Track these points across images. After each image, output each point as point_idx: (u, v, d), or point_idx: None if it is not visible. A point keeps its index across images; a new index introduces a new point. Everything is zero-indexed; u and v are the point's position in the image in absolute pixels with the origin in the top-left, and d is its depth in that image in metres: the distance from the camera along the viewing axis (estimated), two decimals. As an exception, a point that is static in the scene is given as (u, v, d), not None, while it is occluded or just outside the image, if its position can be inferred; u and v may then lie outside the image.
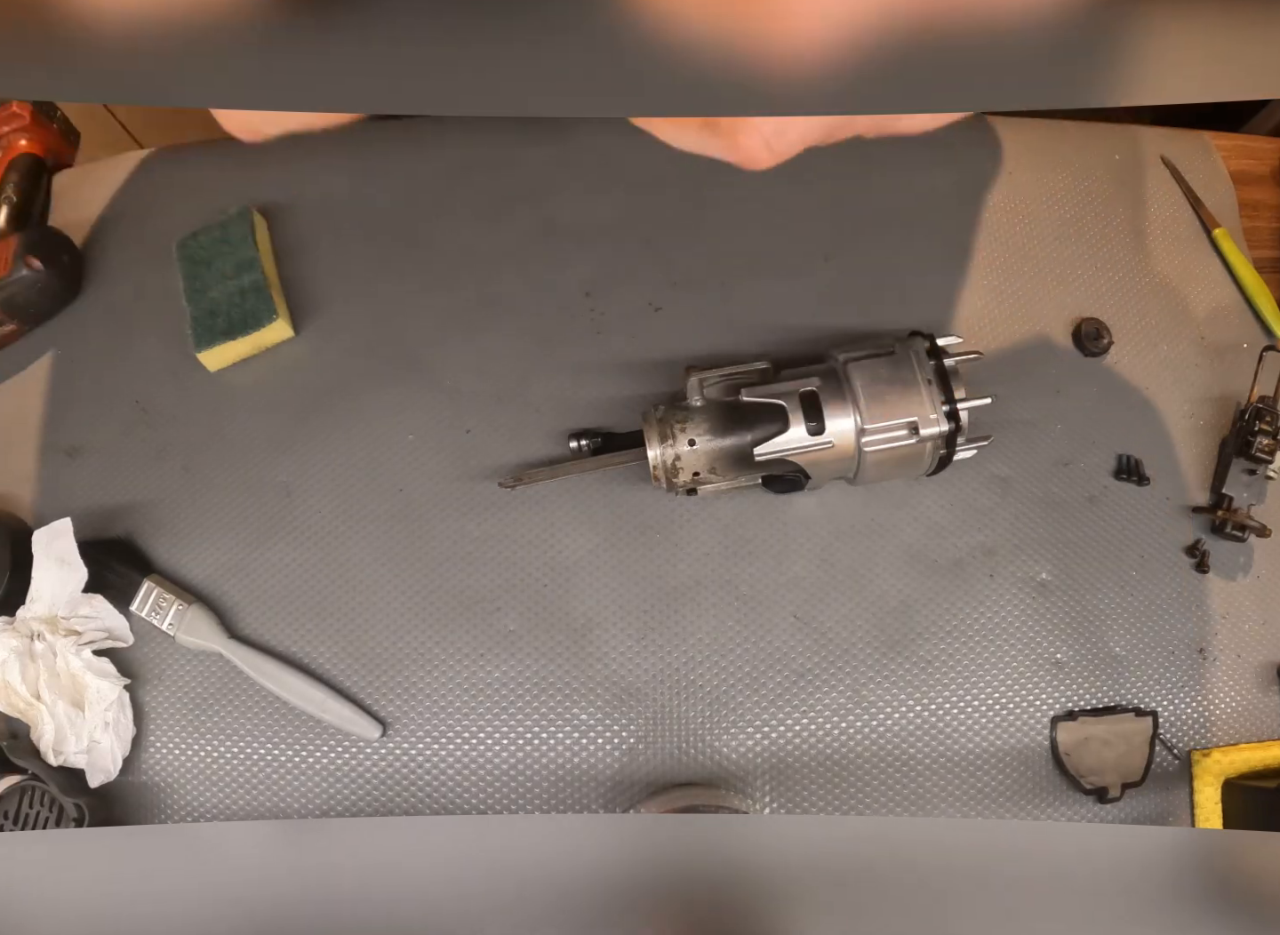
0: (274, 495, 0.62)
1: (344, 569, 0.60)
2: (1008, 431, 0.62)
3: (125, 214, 0.71)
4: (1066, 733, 0.56)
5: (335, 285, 0.67)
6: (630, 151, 0.71)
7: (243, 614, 0.59)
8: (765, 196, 0.69)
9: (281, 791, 0.56)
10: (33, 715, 0.55)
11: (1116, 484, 0.62)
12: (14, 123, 0.71)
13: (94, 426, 0.64)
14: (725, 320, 0.65)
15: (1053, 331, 0.66)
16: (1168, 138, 0.74)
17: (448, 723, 0.57)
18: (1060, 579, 0.60)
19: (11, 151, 0.72)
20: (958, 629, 0.58)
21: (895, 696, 0.57)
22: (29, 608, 0.56)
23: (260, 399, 0.64)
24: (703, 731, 0.57)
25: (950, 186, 0.70)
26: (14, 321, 0.65)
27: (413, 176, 0.71)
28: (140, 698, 0.57)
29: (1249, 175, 0.73)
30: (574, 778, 0.56)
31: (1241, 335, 0.67)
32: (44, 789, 0.54)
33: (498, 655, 0.58)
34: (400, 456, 0.62)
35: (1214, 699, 0.58)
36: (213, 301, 0.64)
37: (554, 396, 0.64)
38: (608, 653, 0.58)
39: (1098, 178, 0.71)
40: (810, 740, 0.57)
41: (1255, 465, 0.60)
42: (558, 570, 0.60)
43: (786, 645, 0.58)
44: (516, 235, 0.69)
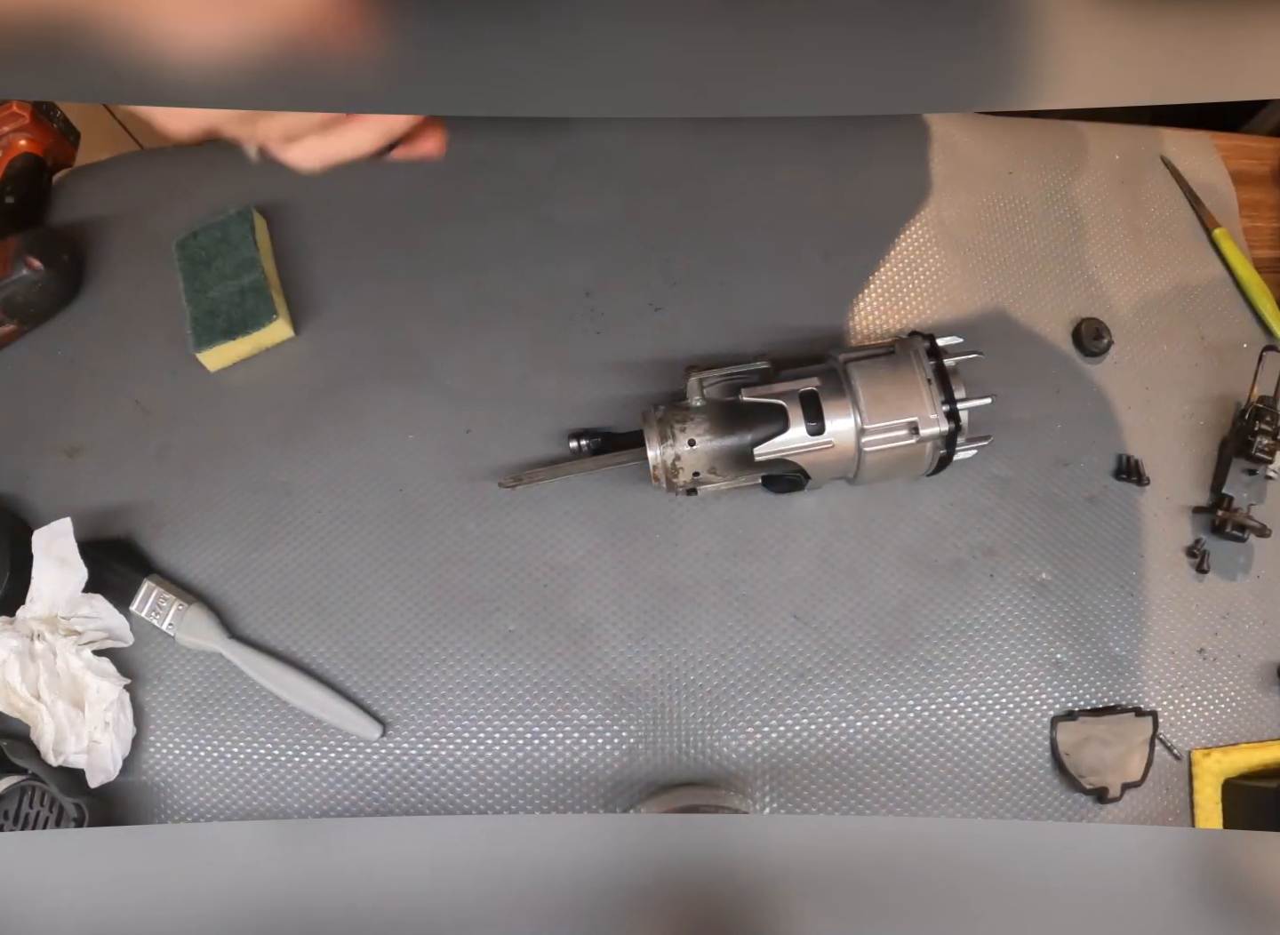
0: (274, 495, 0.62)
1: (344, 569, 0.60)
2: (1008, 431, 0.62)
3: (125, 214, 0.71)
4: (1066, 733, 0.56)
5: (335, 285, 0.67)
6: (630, 151, 0.71)
7: (243, 614, 0.59)
8: (765, 196, 0.69)
9: (281, 791, 0.56)
10: (33, 715, 0.55)
11: (1116, 484, 0.62)
12: (14, 123, 0.71)
13: (94, 426, 0.64)
14: (725, 320, 0.65)
15: (1053, 331, 0.66)
16: (1168, 138, 0.74)
17: (448, 723, 0.57)
18: (1060, 579, 0.60)
19: (11, 151, 0.71)
20: (958, 629, 0.58)
21: (895, 696, 0.57)
22: (29, 608, 0.56)
23: (260, 399, 0.64)
24: (703, 731, 0.57)
25: (950, 186, 0.70)
26: (14, 321, 0.65)
27: (413, 176, 0.71)
28: (140, 698, 0.57)
29: (1249, 175, 0.73)
30: (574, 778, 0.56)
31: (1241, 335, 0.67)
32: (44, 789, 0.54)
33: (498, 655, 0.58)
34: (400, 456, 0.62)
35: (1214, 699, 0.58)
36: (213, 301, 0.64)
37: (554, 396, 0.64)
38: (608, 653, 0.58)
39: (1098, 178, 0.71)
40: (810, 740, 0.56)
41: (1255, 465, 0.60)
42: (558, 570, 0.60)
43: (786, 645, 0.58)
44: (516, 235, 0.69)
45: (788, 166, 0.71)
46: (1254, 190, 0.73)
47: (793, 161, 0.71)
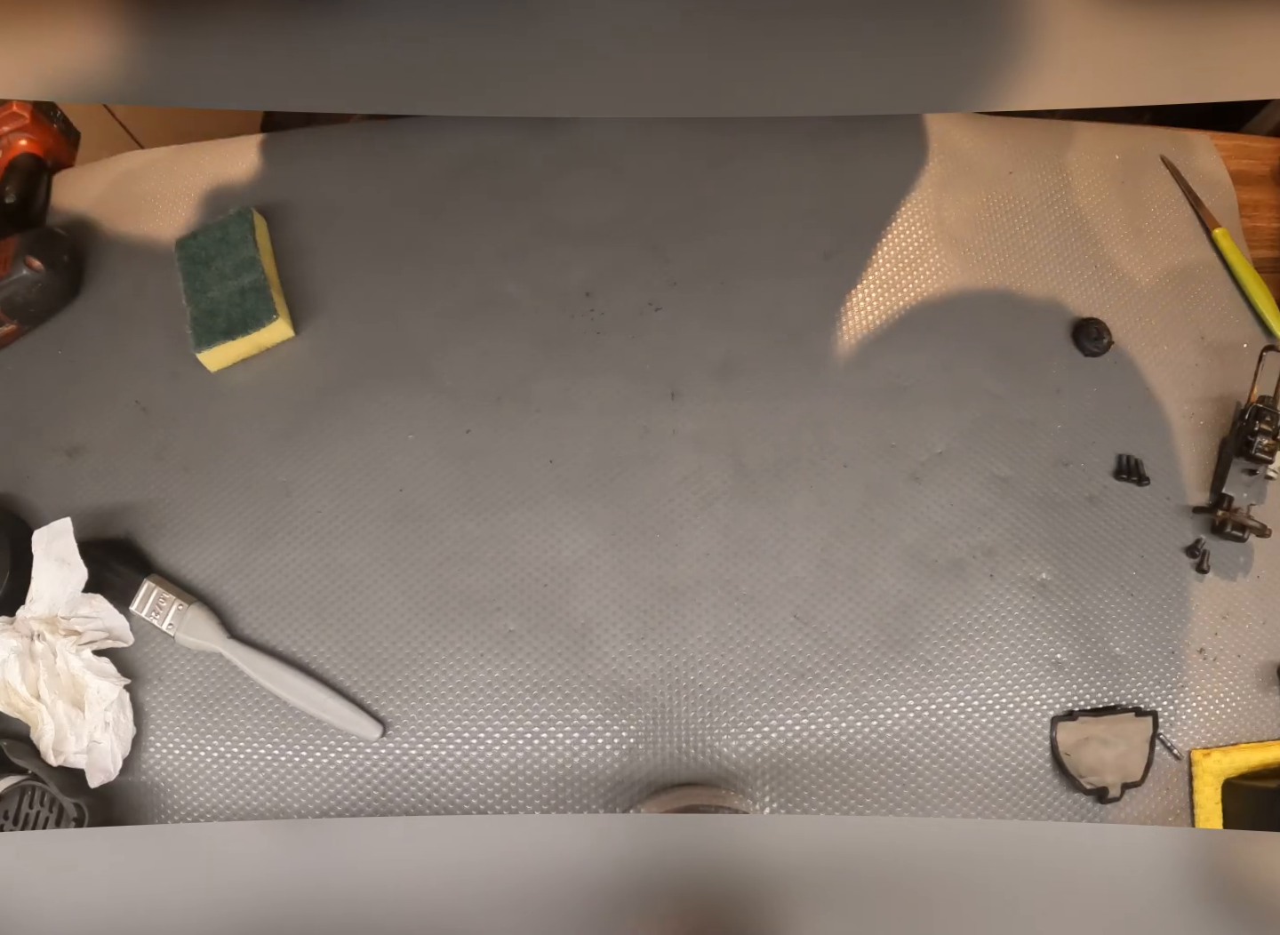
0: (274, 495, 0.62)
1: (344, 569, 0.60)
2: (1008, 431, 0.62)
3: (125, 214, 0.71)
4: (1066, 733, 0.56)
5: (335, 285, 0.67)
6: (630, 151, 0.71)
7: (243, 614, 0.59)
8: (765, 196, 0.69)
9: (281, 791, 0.56)
10: (33, 715, 0.55)
11: (1116, 484, 0.62)
12: (14, 123, 0.71)
13: (94, 426, 0.64)
14: (725, 320, 0.65)
15: (1053, 331, 0.66)
16: (1168, 138, 0.74)
17: (448, 723, 0.57)
18: (1060, 579, 0.60)
19: (11, 151, 0.72)
20: (958, 629, 0.58)
21: (895, 696, 0.57)
22: (29, 608, 0.56)
23: (260, 399, 0.64)
24: (703, 731, 0.57)
25: (950, 186, 0.70)
26: (14, 321, 0.65)
27: (413, 176, 0.71)
28: (140, 698, 0.57)
29: (1249, 175, 0.73)
30: (574, 778, 0.56)
31: (1241, 335, 0.67)
32: (44, 789, 0.54)
33: (498, 655, 0.58)
34: (400, 456, 0.62)
35: (1214, 699, 0.58)
36: (213, 301, 0.64)
37: (554, 396, 0.64)
38: (608, 653, 0.58)
39: (1098, 178, 0.71)
40: (810, 740, 0.56)
41: (1255, 465, 0.60)
42: (558, 570, 0.60)
43: (786, 645, 0.58)
44: (516, 235, 0.69)
45: (788, 166, 0.71)
46: (1254, 190, 0.73)
47: (793, 161, 0.71)
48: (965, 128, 0.73)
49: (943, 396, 0.63)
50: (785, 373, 0.64)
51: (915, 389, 0.64)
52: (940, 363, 0.64)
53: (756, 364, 0.64)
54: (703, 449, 0.62)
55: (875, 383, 0.64)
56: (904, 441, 0.62)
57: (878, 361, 0.64)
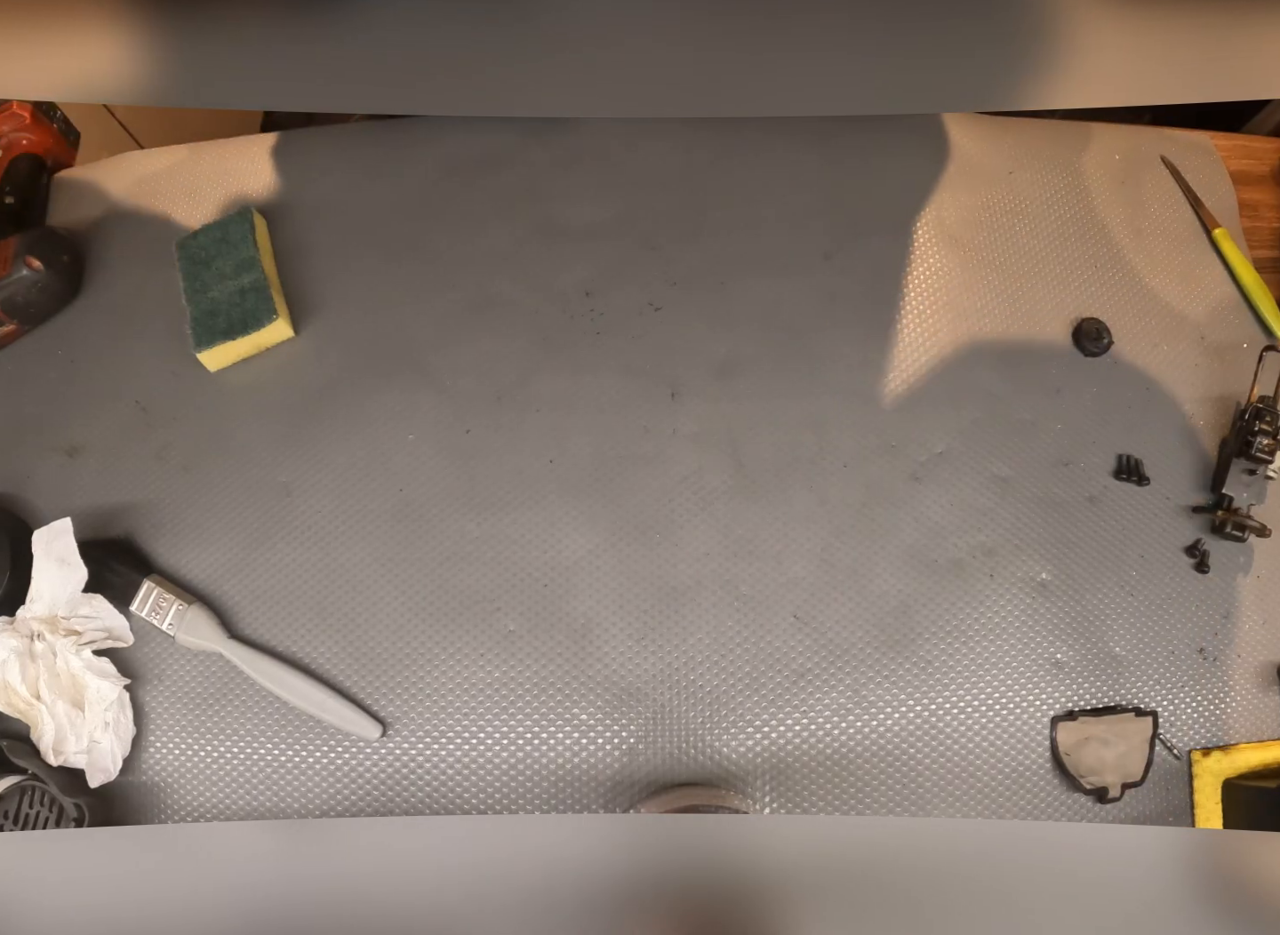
0: (274, 495, 0.62)
1: (344, 568, 0.60)
2: (1008, 431, 0.62)
3: (125, 214, 0.71)
4: (1066, 733, 0.56)
5: (335, 285, 0.67)
6: (630, 151, 0.71)
7: (243, 614, 0.59)
8: (765, 196, 0.69)
9: (281, 791, 0.56)
10: (33, 715, 0.55)
11: (1116, 484, 0.62)
12: (14, 123, 0.71)
13: (94, 426, 0.64)
14: (725, 320, 0.65)
15: (1053, 331, 0.66)
16: (1168, 138, 0.74)
17: (448, 723, 0.57)
18: (1060, 579, 0.60)
19: (11, 151, 0.72)
20: (958, 629, 0.58)
21: (895, 696, 0.57)
22: (29, 608, 0.56)
23: (260, 399, 0.64)
24: (703, 731, 0.57)
25: (950, 186, 0.70)
26: (14, 321, 0.65)
27: (412, 176, 0.71)
28: (140, 698, 0.57)
29: (1249, 175, 0.73)
30: (574, 778, 0.56)
31: (1241, 335, 0.67)
32: (44, 789, 0.54)
33: (498, 655, 0.58)
34: (400, 456, 0.62)
35: (1214, 699, 0.58)
36: (213, 301, 0.64)
37: (554, 396, 0.64)
38: (608, 653, 0.58)
39: (1098, 178, 0.71)
40: (810, 740, 0.56)
41: (1255, 465, 0.60)
42: (558, 570, 0.60)
43: (786, 645, 0.58)
44: (516, 235, 0.69)
45: (788, 166, 0.71)
46: (1254, 190, 0.73)
47: (793, 161, 0.71)
48: (965, 128, 0.73)
49: (943, 396, 0.64)
50: (785, 373, 0.64)
51: (915, 389, 0.64)
52: (940, 363, 0.64)
53: (756, 364, 0.64)
54: (703, 449, 0.62)
55: (875, 383, 0.64)
56: (904, 441, 0.62)
57: (878, 361, 0.64)
